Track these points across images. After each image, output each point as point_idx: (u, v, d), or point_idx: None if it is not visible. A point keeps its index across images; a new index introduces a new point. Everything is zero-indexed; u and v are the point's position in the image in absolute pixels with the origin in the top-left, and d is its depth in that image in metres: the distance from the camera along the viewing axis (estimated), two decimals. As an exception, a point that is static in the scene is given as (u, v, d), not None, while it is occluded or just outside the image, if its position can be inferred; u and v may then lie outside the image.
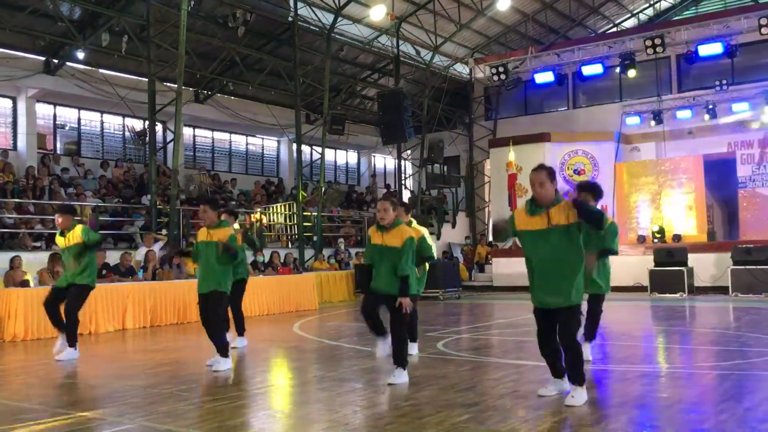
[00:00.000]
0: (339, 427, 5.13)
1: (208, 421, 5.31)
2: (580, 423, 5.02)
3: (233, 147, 23.40)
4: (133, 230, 16.41)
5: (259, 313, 14.51)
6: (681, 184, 20.62)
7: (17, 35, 16.33)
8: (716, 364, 7.70)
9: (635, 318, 13.30)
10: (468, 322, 13.03)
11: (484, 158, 25.93)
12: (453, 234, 25.71)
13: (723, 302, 15.52)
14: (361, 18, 21.45)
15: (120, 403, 6.05)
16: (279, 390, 6.58)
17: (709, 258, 18.20)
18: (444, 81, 24.96)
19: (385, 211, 6.59)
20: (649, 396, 6.01)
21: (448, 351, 8.73)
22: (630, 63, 21.37)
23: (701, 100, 21.60)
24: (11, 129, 17.60)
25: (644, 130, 22.57)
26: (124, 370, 8.12)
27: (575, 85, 24.39)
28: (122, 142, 20.22)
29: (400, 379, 6.46)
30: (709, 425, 4.95)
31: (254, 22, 18.67)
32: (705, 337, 10.31)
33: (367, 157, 28.29)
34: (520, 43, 25.63)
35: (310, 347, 9.81)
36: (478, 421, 5.10)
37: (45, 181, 16.13)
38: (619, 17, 28.28)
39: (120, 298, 12.22)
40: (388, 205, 6.62)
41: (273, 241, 20.23)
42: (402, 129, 20.27)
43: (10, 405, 6.10)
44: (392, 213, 6.62)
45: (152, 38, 16.28)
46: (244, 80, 20.53)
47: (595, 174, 21.44)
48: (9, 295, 10.91)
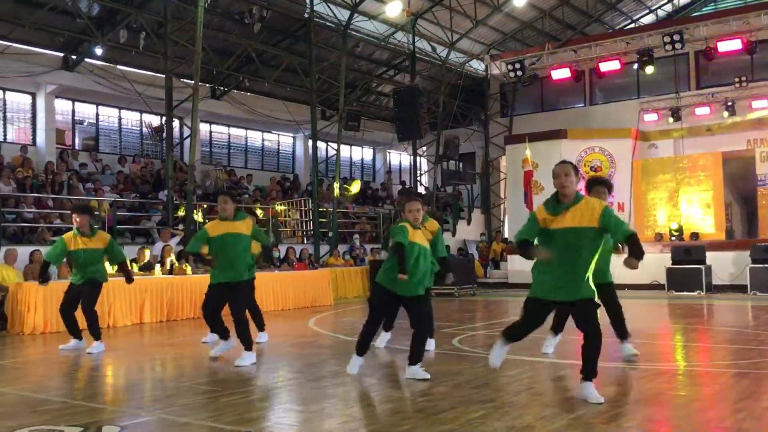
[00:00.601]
0: (354, 421, 5.15)
1: (226, 414, 5.35)
2: (597, 420, 5.00)
3: (249, 143, 23.49)
4: (150, 225, 16.53)
5: (275, 309, 14.58)
6: (699, 181, 20.45)
7: (36, 32, 16.48)
8: (734, 362, 7.64)
9: (652, 316, 13.22)
10: (483, 319, 13.02)
11: (499, 155, 25.85)
12: (468, 231, 25.66)
13: (741, 301, 15.39)
14: (377, 14, 21.43)
15: (138, 396, 6.11)
16: (295, 384, 6.61)
17: (727, 256, 18.04)
18: (460, 77, 24.90)
19: (417, 212, 6.61)
20: (665, 394, 5.98)
21: (463, 347, 8.73)
22: (648, 59, 21.20)
23: (720, 97, 21.41)
24: (30, 125, 17.78)
25: (662, 127, 22.41)
26: (142, 363, 8.20)
27: (592, 82, 24.24)
28: (140, 137, 20.37)
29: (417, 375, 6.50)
30: (727, 424, 4.91)
31: (270, 18, 18.73)
32: (722, 336, 10.23)
33: (382, 154, 28.30)
34: (537, 40, 25.50)
35: (325, 342, 9.85)
36: (494, 417, 5.09)
37: (64, 177, 16.29)
38: (637, 13, 28.06)
39: (137, 292, 12.32)
40: (420, 205, 6.65)
41: (288, 237, 20.31)
42: (417, 125, 20.27)
43: (29, 396, 6.18)
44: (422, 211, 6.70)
45: (169, 35, 16.38)
46: (260, 76, 20.59)
47: (612, 171, 21.33)
48: (29, 289, 11.04)
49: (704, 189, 20.33)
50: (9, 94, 17.45)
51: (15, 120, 17.74)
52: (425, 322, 6.62)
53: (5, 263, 12.01)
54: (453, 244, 24.15)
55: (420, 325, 6.56)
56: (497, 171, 26.60)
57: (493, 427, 4.78)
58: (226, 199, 7.79)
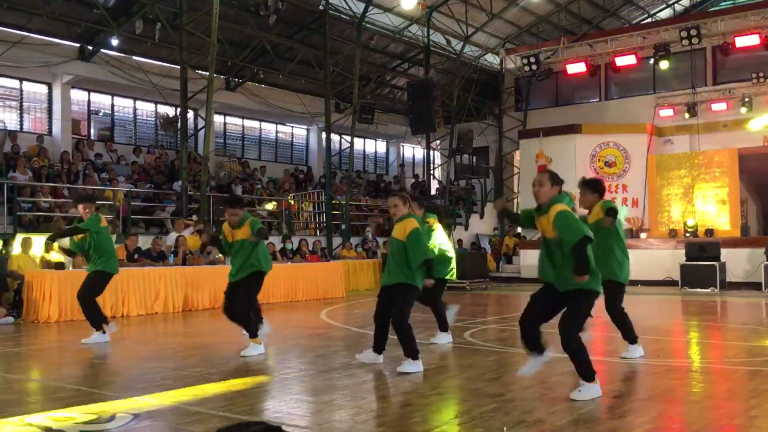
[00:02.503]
0: (365, 413, 5.17)
1: (237, 404, 5.39)
2: (607, 416, 5.00)
3: (263, 135, 23.54)
4: (164, 216, 16.63)
5: (287, 300, 14.64)
6: (715, 177, 20.28)
7: (53, 22, 16.57)
8: (747, 359, 7.60)
9: (665, 312, 13.16)
10: (495, 313, 13.01)
11: (513, 149, 25.76)
12: (481, 225, 25.62)
13: (755, 298, 15.27)
14: (392, 7, 21.38)
15: (151, 385, 6.16)
16: (306, 376, 6.65)
17: (742, 253, 17.90)
18: (474, 71, 24.80)
19: (394, 207, 6.78)
20: (678, 390, 5.96)
21: (474, 341, 8.73)
22: (664, 54, 21.02)
23: (737, 92, 21.21)
24: (47, 114, 17.90)
25: (678, 122, 22.23)
26: (155, 352, 8.26)
27: (608, 77, 24.07)
28: (154, 128, 20.46)
29: (411, 368, 6.51)
30: (740, 421, 4.89)
31: (285, 10, 18.70)
32: (736, 333, 10.16)
33: (395, 147, 28.27)
34: (552, 34, 25.35)
35: (336, 334, 9.88)
36: (504, 411, 5.10)
37: (79, 166, 16.40)
38: (653, 8, 27.79)
39: (152, 282, 12.41)
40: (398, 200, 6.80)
41: (301, 229, 20.36)
42: (431, 119, 20.22)
43: (44, 384, 6.25)
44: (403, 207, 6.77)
45: (185, 26, 16.42)
46: (274, 68, 20.61)
47: (626, 166, 21.20)
48: (44, 277, 11.15)
49: (720, 185, 20.16)
50: (26, 83, 17.56)
51: (31, 110, 17.86)
52: (394, 315, 6.61)
53: (21, 252, 12.12)
54: (466, 238, 24.14)
55: (392, 317, 6.61)
56: (511, 165, 26.51)
57: (502, 422, 4.78)
58: (237, 211, 7.80)
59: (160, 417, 5.06)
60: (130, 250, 13.06)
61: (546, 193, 5.41)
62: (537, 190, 5.47)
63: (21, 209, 13.97)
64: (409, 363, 6.53)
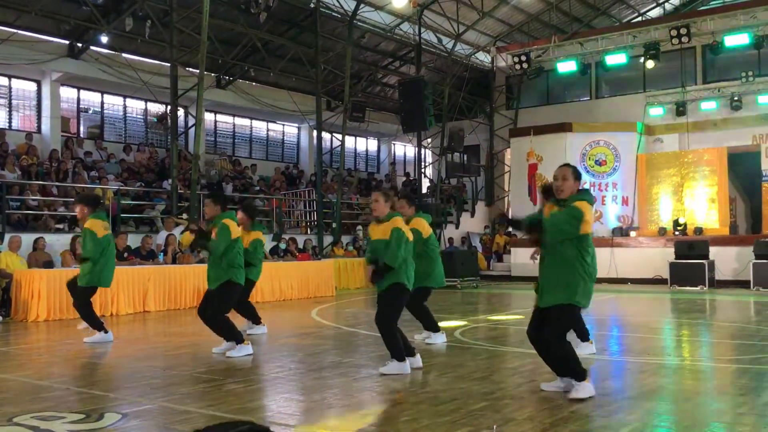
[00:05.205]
0: (355, 412, 5.17)
1: (227, 403, 5.37)
2: (597, 413, 5.02)
3: (254, 133, 23.48)
4: (154, 214, 16.57)
5: (278, 299, 14.61)
6: (704, 176, 20.38)
7: (42, 19, 16.46)
8: (735, 357, 7.64)
9: (654, 310, 13.22)
10: (485, 311, 13.03)
11: (504, 147, 25.81)
12: (472, 223, 25.65)
13: (744, 296, 15.36)
14: (384, 5, 21.35)
15: (140, 384, 6.14)
16: (297, 374, 6.64)
17: (730, 251, 18.01)
18: (465, 69, 24.82)
19: (375, 202, 6.49)
20: (666, 388, 5.98)
21: (465, 339, 8.75)
22: (654, 53, 21.09)
23: (726, 91, 21.30)
24: (36, 112, 17.79)
25: (667, 121, 22.31)
26: (145, 351, 8.23)
27: (598, 75, 24.14)
28: (144, 126, 20.38)
29: (393, 370, 6.41)
30: (727, 419, 4.92)
31: (276, 8, 18.64)
32: (724, 331, 10.22)
33: (387, 145, 28.26)
34: (543, 32, 25.39)
35: (327, 333, 9.87)
36: (495, 409, 5.11)
37: (68, 164, 16.31)
38: (644, 6, 27.86)
39: (141, 281, 12.36)
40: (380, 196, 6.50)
41: (292, 228, 20.32)
42: (422, 117, 20.20)
43: (31, 383, 6.21)
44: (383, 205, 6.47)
45: (175, 23, 16.34)
46: (265, 66, 20.56)
47: (617, 165, 21.27)
48: (32, 276, 11.08)
49: (709, 184, 20.26)
50: (14, 81, 17.44)
51: (20, 107, 17.75)
52: (376, 316, 6.47)
53: (9, 250, 12.04)
54: (456, 236, 24.17)
55: (375, 317, 6.50)
56: (501, 163, 26.56)
57: (492, 419, 4.79)
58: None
59: (148, 416, 5.03)
60: (120, 249, 12.98)
61: (570, 187, 5.42)
62: (560, 184, 5.45)
63: (9, 208, 13.88)
64: (393, 364, 6.43)
